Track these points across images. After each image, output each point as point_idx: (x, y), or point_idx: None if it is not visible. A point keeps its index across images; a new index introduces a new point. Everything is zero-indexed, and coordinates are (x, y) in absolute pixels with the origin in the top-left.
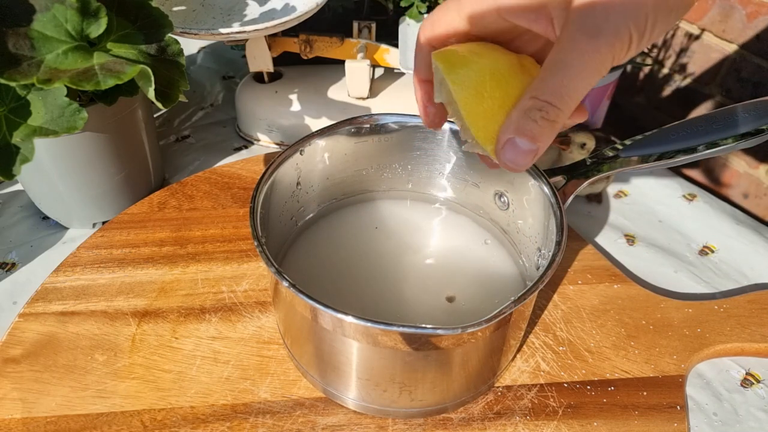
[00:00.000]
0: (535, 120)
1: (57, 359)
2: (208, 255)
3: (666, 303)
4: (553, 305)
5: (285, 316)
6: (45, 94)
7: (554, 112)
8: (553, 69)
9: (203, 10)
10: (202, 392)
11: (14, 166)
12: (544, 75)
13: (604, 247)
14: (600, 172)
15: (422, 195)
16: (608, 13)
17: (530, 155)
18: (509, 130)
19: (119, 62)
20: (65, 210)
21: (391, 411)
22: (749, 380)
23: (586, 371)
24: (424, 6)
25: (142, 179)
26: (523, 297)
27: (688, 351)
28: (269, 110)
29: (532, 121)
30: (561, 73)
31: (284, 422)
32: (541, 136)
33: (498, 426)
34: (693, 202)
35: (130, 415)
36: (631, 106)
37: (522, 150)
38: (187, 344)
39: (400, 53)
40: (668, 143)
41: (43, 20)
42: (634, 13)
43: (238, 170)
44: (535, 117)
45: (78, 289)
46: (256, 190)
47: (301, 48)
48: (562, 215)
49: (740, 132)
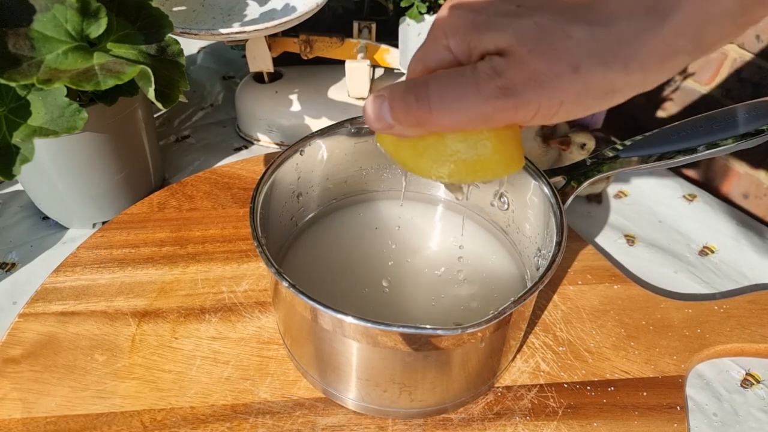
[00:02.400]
0: (406, 102)
1: (57, 359)
2: (208, 255)
3: (666, 303)
4: (553, 305)
5: (285, 317)
6: (45, 94)
7: (424, 115)
8: (451, 83)
9: (203, 10)
10: (202, 392)
11: (14, 166)
12: (442, 80)
13: (604, 247)
14: (600, 172)
15: (422, 195)
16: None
17: (382, 124)
18: (388, 89)
19: (119, 62)
20: (65, 210)
21: (391, 411)
22: (749, 381)
23: (586, 371)
24: (424, 6)
25: (142, 179)
26: (523, 297)
27: (688, 351)
28: (269, 110)
29: (403, 102)
30: (456, 91)
31: (284, 422)
32: (401, 121)
33: (498, 426)
34: (693, 202)
35: (130, 416)
36: (631, 106)
37: (380, 114)
38: (187, 344)
39: (400, 53)
40: (668, 143)
41: (43, 20)
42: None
43: (238, 170)
44: (408, 101)
45: (78, 289)
46: (256, 191)
47: (301, 48)
48: (562, 215)
49: (740, 132)
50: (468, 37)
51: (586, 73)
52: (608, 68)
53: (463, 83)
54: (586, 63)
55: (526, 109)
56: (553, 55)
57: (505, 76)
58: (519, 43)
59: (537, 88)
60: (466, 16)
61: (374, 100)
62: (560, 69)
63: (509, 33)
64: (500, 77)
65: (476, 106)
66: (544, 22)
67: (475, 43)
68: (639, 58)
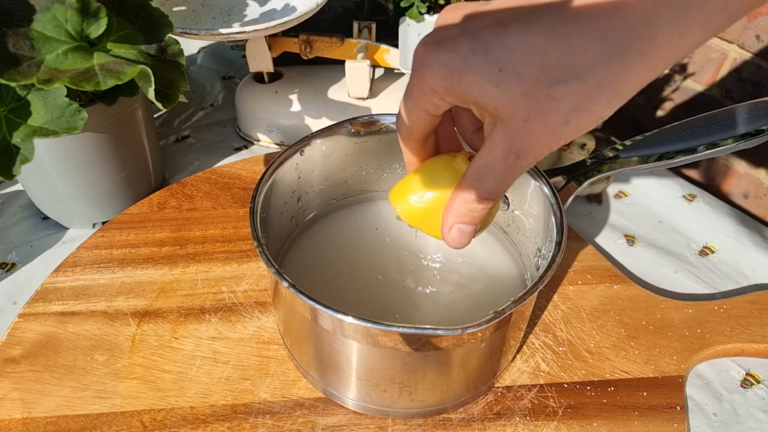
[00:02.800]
0: (472, 210)
1: (57, 359)
2: (208, 255)
3: (666, 303)
4: (553, 306)
5: (285, 317)
6: (45, 94)
7: (484, 204)
8: (477, 174)
9: (203, 10)
10: (202, 392)
11: (14, 166)
12: (471, 178)
13: (604, 247)
14: (600, 172)
15: None
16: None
17: (472, 234)
18: (452, 219)
19: (119, 62)
20: (65, 210)
21: (391, 411)
22: (749, 381)
23: (586, 372)
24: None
25: (142, 179)
26: (523, 297)
27: (688, 351)
28: (269, 110)
29: (471, 211)
30: (484, 178)
31: (284, 422)
32: (479, 219)
33: (498, 426)
34: (693, 202)
35: (130, 416)
36: (631, 106)
37: (465, 232)
38: (187, 344)
39: (400, 53)
40: (668, 144)
41: (43, 20)
42: (549, 144)
43: (238, 170)
44: (472, 208)
45: (78, 290)
46: (256, 191)
47: (301, 48)
48: (562, 215)
49: (740, 132)
50: (455, 98)
51: (575, 123)
52: (593, 113)
53: (490, 167)
54: (574, 116)
55: (536, 160)
56: (546, 118)
57: (516, 145)
58: (513, 113)
59: (539, 143)
60: (446, 64)
61: (456, 233)
62: (555, 128)
63: (504, 100)
64: (513, 146)
65: (507, 178)
66: (530, 90)
67: (464, 100)
68: (619, 94)
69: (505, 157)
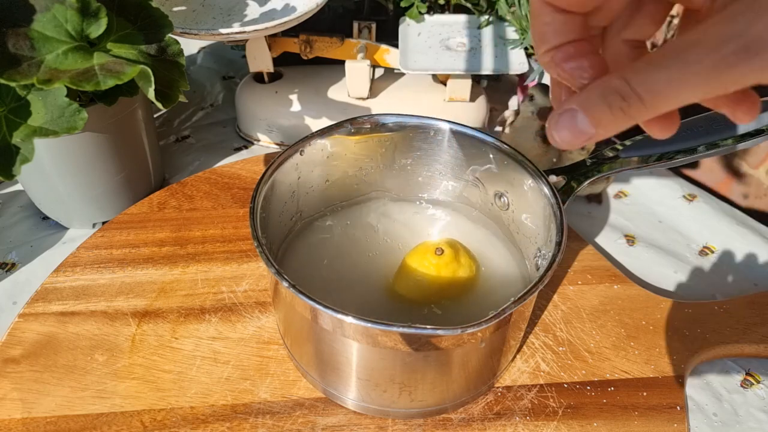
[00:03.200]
0: (609, 105)
1: (57, 359)
2: (208, 255)
3: (666, 303)
4: (553, 306)
5: (285, 317)
6: (45, 94)
7: (637, 108)
8: (671, 55)
9: (203, 10)
10: (202, 392)
11: (14, 166)
12: (656, 58)
13: (604, 247)
14: (600, 172)
15: (422, 195)
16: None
17: (582, 137)
18: (576, 100)
19: (119, 62)
20: (65, 210)
21: (390, 411)
22: (749, 381)
23: (586, 372)
24: (424, 6)
25: (142, 179)
26: (523, 297)
27: (688, 351)
28: (269, 110)
29: (606, 105)
30: (677, 66)
31: (284, 422)
32: (606, 125)
33: (498, 426)
34: (693, 202)
35: (130, 416)
36: None
37: (577, 128)
38: (187, 344)
39: (400, 53)
40: (668, 143)
41: (43, 20)
42: None
43: (238, 170)
44: (612, 102)
45: (78, 290)
46: (256, 191)
47: (301, 48)
48: (562, 215)
49: (740, 132)
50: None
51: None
52: None
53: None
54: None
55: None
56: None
57: (748, 33)
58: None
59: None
60: None
61: (564, 119)
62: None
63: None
64: (742, 37)
65: (706, 80)
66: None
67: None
68: None
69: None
